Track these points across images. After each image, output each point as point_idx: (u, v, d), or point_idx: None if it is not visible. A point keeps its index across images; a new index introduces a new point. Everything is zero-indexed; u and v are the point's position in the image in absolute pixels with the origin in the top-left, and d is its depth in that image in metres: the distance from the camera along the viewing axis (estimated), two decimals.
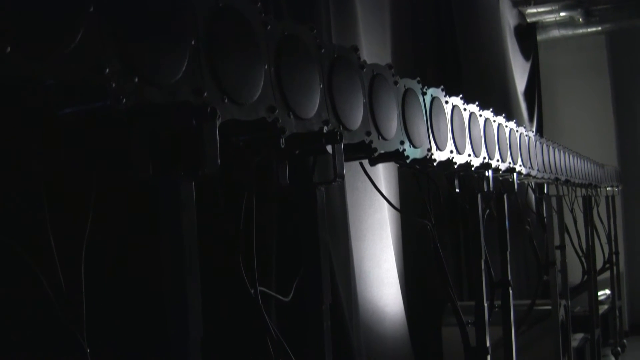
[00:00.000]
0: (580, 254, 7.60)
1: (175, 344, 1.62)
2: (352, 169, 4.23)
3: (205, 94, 1.63)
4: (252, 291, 2.15)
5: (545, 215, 6.08)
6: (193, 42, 1.62)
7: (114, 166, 1.92)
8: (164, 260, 1.64)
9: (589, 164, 7.55)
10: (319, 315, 2.24)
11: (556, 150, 5.65)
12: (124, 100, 1.42)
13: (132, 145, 1.59)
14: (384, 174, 5.03)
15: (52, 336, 2.10)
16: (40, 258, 1.63)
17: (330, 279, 2.37)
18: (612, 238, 9.49)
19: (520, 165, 4.25)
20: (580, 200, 7.56)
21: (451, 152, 3.14)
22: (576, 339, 6.96)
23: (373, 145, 2.41)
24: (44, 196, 1.65)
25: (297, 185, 2.22)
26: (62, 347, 1.98)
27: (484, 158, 3.56)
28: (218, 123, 1.63)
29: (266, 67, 1.87)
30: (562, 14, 11.17)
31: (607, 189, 9.29)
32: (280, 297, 2.42)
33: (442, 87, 3.13)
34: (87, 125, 1.62)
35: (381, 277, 4.89)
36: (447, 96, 3.20)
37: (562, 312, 5.82)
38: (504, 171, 3.95)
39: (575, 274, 7.74)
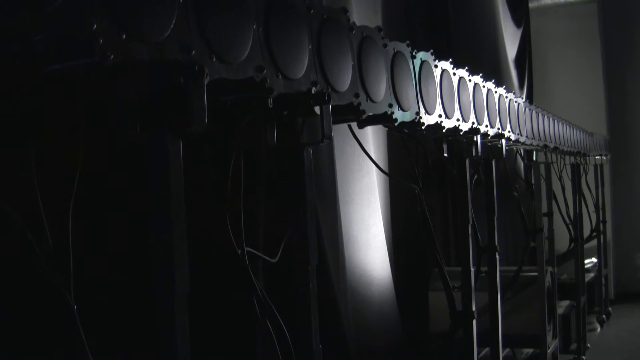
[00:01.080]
0: (568, 221, 7.63)
1: (162, 299, 1.63)
2: (340, 133, 4.24)
3: (194, 52, 1.63)
4: (239, 251, 2.16)
5: (533, 182, 6.10)
6: (181, 0, 1.62)
7: (102, 123, 1.92)
8: (151, 216, 1.65)
9: (578, 132, 7.56)
10: (306, 275, 2.25)
11: (545, 117, 5.65)
12: (112, 56, 1.41)
13: (119, 103, 1.59)
14: (372, 139, 5.03)
15: (39, 293, 2.12)
16: (28, 215, 1.63)
17: (318, 241, 2.38)
18: (600, 206, 9.54)
19: (509, 131, 4.26)
20: (568, 168, 7.58)
21: (440, 116, 3.15)
22: (562, 305, 7.03)
23: (361, 108, 2.42)
24: (32, 155, 1.65)
25: (285, 146, 2.23)
26: (50, 305, 1.99)
27: (473, 123, 3.57)
28: (206, 81, 1.63)
29: (255, 26, 1.87)
30: None
31: (596, 157, 9.32)
32: (267, 258, 2.43)
33: (431, 51, 3.13)
34: (75, 81, 1.62)
35: (369, 241, 4.91)
36: (437, 60, 3.20)
37: (548, 278, 5.86)
38: (492, 137, 3.96)
39: (562, 241, 7.77)
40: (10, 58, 1.49)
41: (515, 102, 4.53)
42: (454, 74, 3.39)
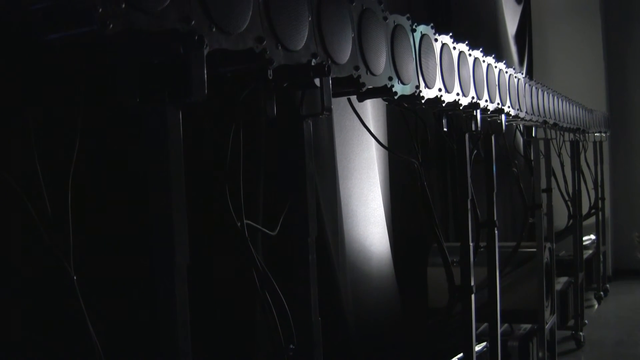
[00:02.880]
0: (567, 198, 7.63)
1: (161, 271, 1.63)
2: (340, 108, 4.23)
3: (193, 22, 1.62)
4: (239, 224, 2.16)
5: (532, 158, 6.09)
6: None
7: (102, 93, 1.91)
8: (151, 188, 1.64)
9: (578, 109, 7.54)
10: (305, 248, 2.25)
11: (545, 93, 5.63)
12: (111, 25, 1.40)
13: (119, 72, 1.58)
14: (372, 113, 5.02)
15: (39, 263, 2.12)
16: (27, 185, 1.63)
17: (317, 214, 2.38)
18: (599, 184, 9.54)
19: (508, 107, 4.25)
20: (568, 144, 7.57)
21: (440, 90, 3.14)
22: (560, 282, 7.04)
23: (361, 80, 2.41)
24: (31, 125, 1.65)
25: (285, 118, 2.22)
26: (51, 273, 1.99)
27: (473, 98, 3.56)
28: (206, 52, 1.62)
29: None
30: None
31: (596, 134, 9.30)
32: (267, 231, 2.43)
33: (431, 24, 3.12)
34: (74, 51, 1.61)
35: (368, 216, 4.91)
36: (437, 34, 3.18)
37: (546, 254, 5.86)
38: (492, 112, 3.95)
39: (561, 218, 7.78)
40: (8, 27, 1.48)
41: (515, 77, 4.51)
42: (454, 48, 3.38)
